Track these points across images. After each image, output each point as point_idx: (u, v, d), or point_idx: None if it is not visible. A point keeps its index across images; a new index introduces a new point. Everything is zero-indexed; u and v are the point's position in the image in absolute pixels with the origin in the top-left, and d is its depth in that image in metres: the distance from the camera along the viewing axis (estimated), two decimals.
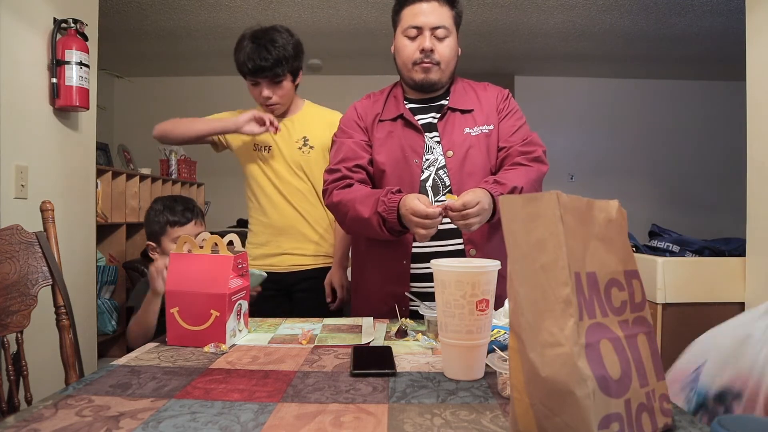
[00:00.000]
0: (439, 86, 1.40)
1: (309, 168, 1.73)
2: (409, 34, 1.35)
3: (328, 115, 1.77)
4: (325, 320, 1.28)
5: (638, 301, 0.67)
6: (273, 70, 1.62)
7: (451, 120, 1.38)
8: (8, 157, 1.66)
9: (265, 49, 1.61)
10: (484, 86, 1.47)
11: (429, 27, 1.33)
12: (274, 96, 1.67)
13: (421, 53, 1.34)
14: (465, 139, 1.36)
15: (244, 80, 1.71)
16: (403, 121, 1.39)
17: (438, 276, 0.84)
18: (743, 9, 1.98)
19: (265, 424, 0.65)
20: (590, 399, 0.53)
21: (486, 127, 1.38)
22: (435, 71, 1.36)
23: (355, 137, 1.41)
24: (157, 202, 1.53)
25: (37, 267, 1.27)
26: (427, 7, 1.33)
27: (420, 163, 1.35)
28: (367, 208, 1.26)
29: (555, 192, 0.58)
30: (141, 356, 0.97)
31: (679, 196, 4.88)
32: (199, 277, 1.03)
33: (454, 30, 1.38)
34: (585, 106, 4.92)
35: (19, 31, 1.70)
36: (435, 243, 1.32)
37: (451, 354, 0.84)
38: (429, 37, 1.33)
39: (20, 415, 0.68)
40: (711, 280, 1.94)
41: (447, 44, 1.35)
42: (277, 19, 3.42)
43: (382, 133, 1.40)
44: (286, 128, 1.75)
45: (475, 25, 3.60)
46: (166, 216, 1.48)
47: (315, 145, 1.73)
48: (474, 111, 1.39)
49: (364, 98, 1.50)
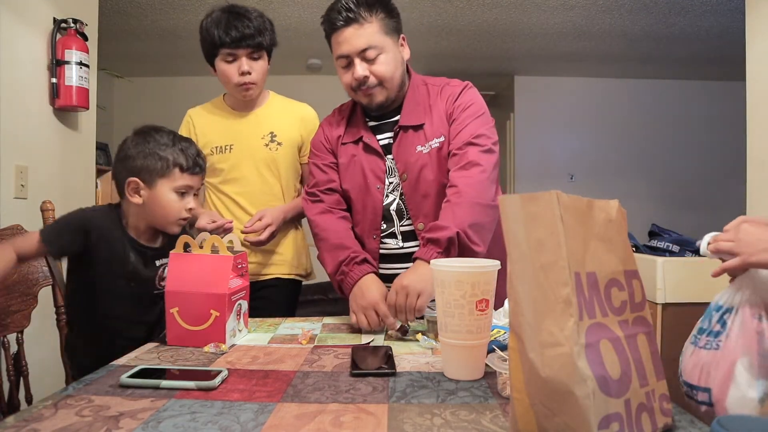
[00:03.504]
0: (389, 101, 1.31)
1: (276, 167, 1.56)
2: (341, 64, 1.28)
3: (298, 109, 1.63)
4: (325, 320, 1.28)
5: (638, 301, 0.67)
6: (255, 38, 1.46)
7: (403, 140, 1.31)
8: (8, 157, 1.66)
9: (245, 17, 1.46)
10: (440, 87, 1.35)
11: (355, 53, 1.24)
12: (253, 72, 1.49)
13: (356, 82, 1.27)
14: (417, 158, 1.29)
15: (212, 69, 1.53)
16: (364, 145, 1.34)
17: (438, 276, 0.84)
18: (743, 9, 1.98)
19: (265, 424, 0.65)
20: (590, 399, 0.53)
21: (436, 141, 1.29)
22: (378, 92, 1.28)
23: (325, 160, 1.39)
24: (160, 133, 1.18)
25: (37, 267, 1.27)
26: (348, 34, 1.23)
27: (382, 188, 1.31)
28: (331, 263, 1.26)
29: (555, 192, 0.58)
30: (141, 356, 0.97)
31: (679, 196, 4.88)
32: (199, 277, 1.03)
33: (388, 40, 1.26)
34: (585, 106, 4.92)
35: (19, 31, 1.70)
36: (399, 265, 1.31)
37: (451, 354, 0.84)
38: (359, 64, 1.24)
39: (20, 415, 0.68)
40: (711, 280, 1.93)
41: (381, 61, 1.25)
42: (278, 19, 3.41)
43: (345, 157, 1.36)
44: (250, 123, 1.57)
45: (475, 25, 3.60)
46: (176, 156, 1.16)
47: (283, 141, 1.57)
48: (425, 125, 1.31)
49: (331, 115, 1.44)
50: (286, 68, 4.40)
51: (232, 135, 1.55)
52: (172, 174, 1.14)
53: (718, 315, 0.83)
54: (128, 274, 1.14)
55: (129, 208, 1.17)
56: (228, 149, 1.55)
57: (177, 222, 1.17)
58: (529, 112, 4.86)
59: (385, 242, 1.33)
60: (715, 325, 0.83)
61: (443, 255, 1.14)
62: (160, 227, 1.18)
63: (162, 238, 1.22)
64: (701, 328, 0.86)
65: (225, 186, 1.56)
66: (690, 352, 0.85)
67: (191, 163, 1.16)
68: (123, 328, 1.15)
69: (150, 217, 1.16)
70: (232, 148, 1.55)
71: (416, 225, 1.30)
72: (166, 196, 1.14)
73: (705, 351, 0.81)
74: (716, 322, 0.83)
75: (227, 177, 1.55)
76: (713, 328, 0.83)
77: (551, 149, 4.81)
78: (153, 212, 1.15)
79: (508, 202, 0.62)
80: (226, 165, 1.55)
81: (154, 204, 1.14)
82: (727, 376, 0.76)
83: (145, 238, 1.18)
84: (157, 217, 1.16)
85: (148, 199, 1.14)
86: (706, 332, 0.83)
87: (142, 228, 1.18)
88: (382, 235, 1.33)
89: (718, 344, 0.80)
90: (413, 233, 1.31)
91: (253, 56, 1.49)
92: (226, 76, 1.50)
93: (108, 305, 1.14)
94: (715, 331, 0.82)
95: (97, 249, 1.12)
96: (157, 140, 1.15)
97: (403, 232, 1.32)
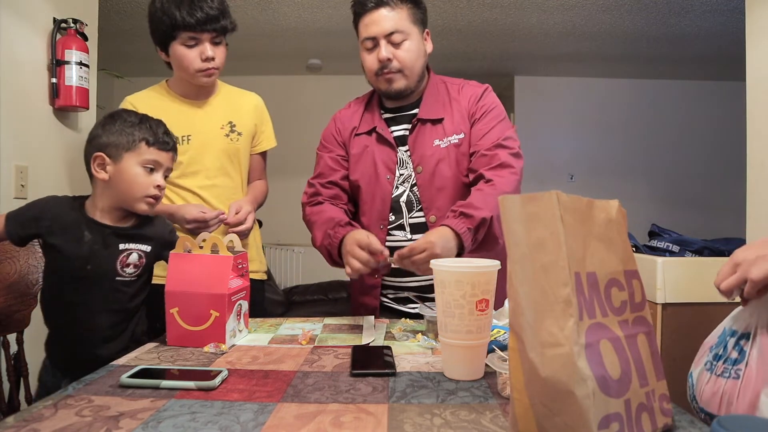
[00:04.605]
0: (408, 92, 1.34)
1: (238, 158, 1.50)
2: (366, 45, 1.31)
3: (250, 98, 1.58)
4: (326, 320, 1.28)
5: (638, 301, 0.67)
6: (220, 21, 1.38)
7: (421, 133, 1.34)
8: (8, 157, 1.66)
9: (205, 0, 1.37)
10: (459, 86, 1.39)
11: (383, 35, 1.28)
12: (216, 58, 1.41)
13: (379, 64, 1.30)
14: (434, 152, 1.31)
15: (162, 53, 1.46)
16: (377, 135, 1.36)
17: (438, 276, 0.84)
18: (743, 9, 1.98)
19: (265, 424, 0.65)
20: (590, 399, 0.53)
21: (456, 137, 1.32)
22: (398, 79, 1.31)
23: (332, 152, 1.41)
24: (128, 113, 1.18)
25: (38, 267, 1.27)
26: (377, 16, 1.28)
27: (392, 179, 1.33)
28: (319, 235, 1.28)
29: (555, 192, 0.58)
30: (141, 356, 0.97)
31: (679, 196, 4.88)
32: (198, 277, 1.03)
33: (414, 29, 1.31)
34: (585, 106, 4.92)
35: (19, 31, 1.70)
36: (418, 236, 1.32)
37: (451, 354, 0.84)
38: (385, 46, 1.28)
39: (20, 415, 0.68)
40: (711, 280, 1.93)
41: (406, 48, 1.29)
42: (277, 19, 3.42)
43: (357, 148, 1.38)
44: (207, 112, 1.49)
45: (475, 25, 3.60)
46: (142, 131, 1.14)
47: (243, 131, 1.51)
48: (444, 120, 1.34)
49: (346, 108, 1.47)
50: (286, 68, 4.40)
51: (188, 125, 1.45)
52: (138, 148, 1.13)
53: (733, 341, 0.81)
54: (83, 255, 1.11)
55: (96, 189, 1.15)
56: (186, 140, 1.44)
57: (144, 199, 1.14)
58: (529, 112, 4.85)
59: (392, 234, 1.34)
60: (731, 352, 0.81)
61: (471, 234, 1.15)
62: (127, 206, 1.15)
63: (134, 221, 1.18)
64: (717, 354, 0.83)
65: (184, 180, 1.46)
66: (706, 379, 0.83)
67: (159, 138, 1.15)
68: (86, 317, 1.12)
69: (116, 194, 1.14)
70: (190, 138, 1.45)
71: (428, 217, 1.31)
72: (132, 170, 1.12)
73: (723, 379, 0.79)
74: (732, 348, 0.81)
75: (186, 170, 1.45)
76: (730, 355, 0.81)
77: (551, 149, 4.81)
78: (118, 188, 1.13)
79: (508, 202, 0.62)
80: (185, 157, 1.43)
81: (120, 179, 1.12)
82: (751, 407, 0.75)
83: (110, 218, 1.15)
84: (124, 193, 1.13)
85: (114, 174, 1.12)
86: (722, 359, 0.81)
87: (107, 208, 1.14)
88: (389, 227, 1.34)
89: (737, 373, 0.78)
90: (423, 225, 1.32)
91: (215, 41, 1.41)
92: (185, 61, 1.40)
93: (70, 291, 1.12)
94: (732, 358, 0.80)
95: (52, 232, 1.11)
96: (124, 119, 1.15)
97: (412, 224, 1.33)
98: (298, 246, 4.40)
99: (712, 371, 0.82)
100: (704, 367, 0.85)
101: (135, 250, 1.15)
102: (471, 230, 1.14)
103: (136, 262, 1.16)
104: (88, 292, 1.12)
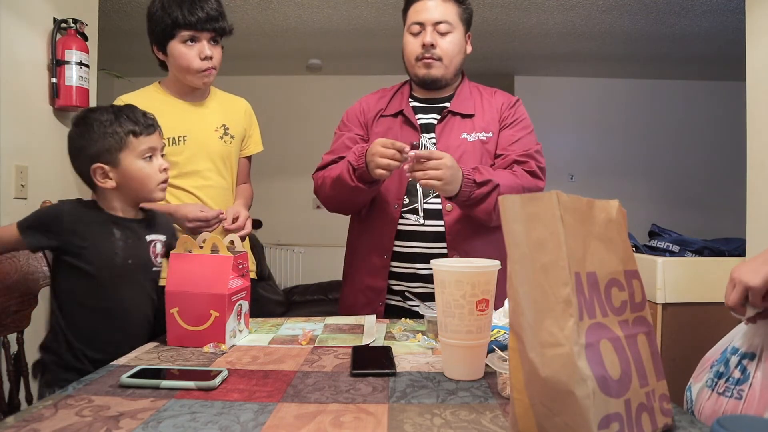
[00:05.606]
0: (443, 83, 1.40)
1: (231, 162, 1.52)
2: (413, 30, 1.37)
3: (241, 102, 1.60)
4: (327, 320, 1.28)
5: (638, 301, 0.67)
6: (219, 21, 1.40)
7: (450, 124, 1.39)
8: (8, 157, 1.66)
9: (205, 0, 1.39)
10: (492, 92, 1.47)
11: (431, 22, 1.35)
12: (214, 58, 1.42)
13: (422, 48, 1.35)
14: (460, 144, 1.36)
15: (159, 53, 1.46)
16: (403, 118, 1.40)
17: (438, 276, 0.84)
18: (743, 9, 1.98)
19: (265, 424, 0.65)
20: (590, 399, 0.53)
21: (484, 134, 1.38)
22: (437, 67, 1.36)
23: (352, 131, 1.44)
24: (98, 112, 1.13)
25: (38, 267, 1.27)
26: (430, 4, 1.36)
27: None
28: (339, 167, 1.31)
29: (555, 192, 0.58)
30: (141, 356, 0.97)
31: (679, 196, 4.88)
32: (199, 277, 1.03)
33: (459, 26, 1.39)
34: (585, 106, 4.92)
35: (19, 31, 1.70)
36: (417, 244, 1.34)
37: (451, 354, 0.84)
38: (430, 32, 1.35)
39: (20, 415, 0.68)
40: (711, 280, 1.94)
41: (450, 39, 1.36)
42: (277, 19, 3.42)
43: (381, 128, 1.42)
44: (203, 114, 1.49)
45: (475, 25, 3.58)
46: (124, 125, 1.11)
47: (235, 134, 1.52)
48: (475, 116, 1.40)
49: (373, 93, 1.52)
50: (286, 68, 4.39)
51: (185, 125, 1.45)
52: (129, 143, 1.10)
53: (736, 359, 0.81)
54: (119, 250, 1.10)
55: (106, 196, 1.13)
56: (182, 140, 1.44)
57: (158, 187, 1.14)
58: (529, 112, 4.84)
59: (405, 217, 1.36)
60: (734, 371, 0.80)
61: (474, 186, 1.22)
62: (144, 199, 1.15)
63: (142, 213, 1.19)
64: (718, 371, 0.83)
65: (181, 180, 1.44)
66: (707, 395, 0.83)
67: (142, 124, 1.12)
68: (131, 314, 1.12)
69: (130, 194, 1.13)
70: (186, 139, 1.44)
71: (444, 206, 1.34)
72: (135, 166, 1.11)
73: (725, 398, 0.79)
74: (735, 367, 0.81)
75: (183, 170, 1.44)
76: (732, 374, 0.80)
77: (551, 149, 4.76)
78: (131, 188, 1.12)
79: (508, 202, 0.62)
80: (181, 158, 1.43)
81: (129, 180, 1.11)
82: None
83: (128, 213, 1.15)
84: (137, 191, 1.13)
85: (120, 179, 1.11)
86: (724, 377, 0.81)
87: (121, 206, 1.14)
88: (403, 210, 1.36)
89: (740, 393, 0.78)
90: (438, 212, 1.34)
91: (213, 41, 1.43)
92: (184, 60, 1.40)
93: (107, 293, 1.09)
94: (734, 377, 0.80)
95: (74, 236, 1.07)
96: (99, 120, 1.11)
97: (427, 209, 1.35)
98: (298, 246, 4.40)
99: (713, 389, 0.82)
100: (705, 383, 0.85)
101: (157, 240, 1.18)
102: (474, 184, 1.22)
103: (161, 251, 1.19)
104: (131, 288, 1.13)
